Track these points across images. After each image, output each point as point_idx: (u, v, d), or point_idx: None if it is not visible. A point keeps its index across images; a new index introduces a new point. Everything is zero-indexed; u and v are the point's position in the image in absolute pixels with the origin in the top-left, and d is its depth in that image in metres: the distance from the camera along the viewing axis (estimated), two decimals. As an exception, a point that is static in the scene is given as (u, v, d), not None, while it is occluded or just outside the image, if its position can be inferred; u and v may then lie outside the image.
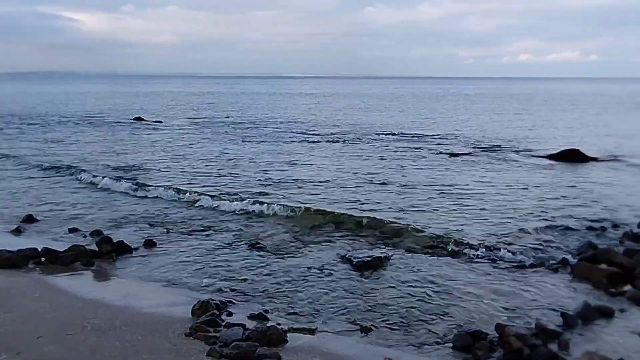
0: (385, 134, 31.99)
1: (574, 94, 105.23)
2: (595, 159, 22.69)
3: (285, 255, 10.76)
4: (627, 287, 9.03)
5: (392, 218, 13.31)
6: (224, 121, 40.65)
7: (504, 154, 24.43)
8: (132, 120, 40.73)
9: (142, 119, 41.47)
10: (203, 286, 9.12)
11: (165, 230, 12.49)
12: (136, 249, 11.03)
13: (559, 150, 23.86)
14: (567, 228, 12.68)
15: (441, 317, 8.04)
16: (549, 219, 13.50)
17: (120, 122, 39.13)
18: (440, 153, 24.55)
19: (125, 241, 11.06)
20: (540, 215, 13.80)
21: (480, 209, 14.41)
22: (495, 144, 27.86)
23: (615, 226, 12.74)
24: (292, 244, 11.50)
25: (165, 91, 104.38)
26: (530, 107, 62.01)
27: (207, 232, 12.36)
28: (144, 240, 11.46)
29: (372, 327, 7.65)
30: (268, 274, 9.75)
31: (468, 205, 14.81)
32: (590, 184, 17.88)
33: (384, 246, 11.22)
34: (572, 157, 22.85)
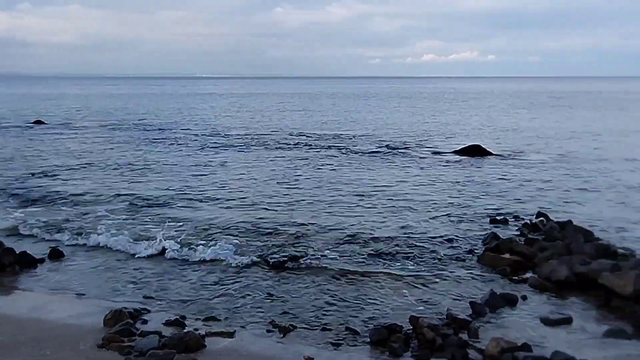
0: (300, 135, 32.16)
1: (475, 92, 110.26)
2: (494, 154, 24.00)
3: (200, 260, 10.59)
4: (529, 274, 9.62)
5: (308, 217, 13.44)
6: (135, 124, 39.34)
7: (413, 151, 25.26)
8: (31, 124, 38.62)
9: (43, 123, 39.42)
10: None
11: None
12: (42, 260, 10.49)
13: (462, 147, 25.04)
14: (473, 220, 13.31)
15: (357, 313, 8.21)
16: (456, 212, 14.11)
17: (19, 126, 36.99)
18: (354, 152, 25.00)
19: (29, 252, 10.49)
20: (447, 209, 14.39)
21: (392, 205, 14.84)
22: (404, 141, 28.73)
23: (516, 217, 13.49)
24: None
25: (69, 93, 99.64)
26: (436, 105, 64.44)
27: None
28: (49, 250, 10.92)
29: (291, 327, 7.69)
30: (183, 280, 9.57)
31: (381, 202, 15.20)
32: (491, 178, 18.83)
33: (299, 246, 11.29)
34: (475, 152, 24.08)
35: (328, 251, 10.98)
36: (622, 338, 7.31)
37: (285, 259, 10.30)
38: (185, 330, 7.34)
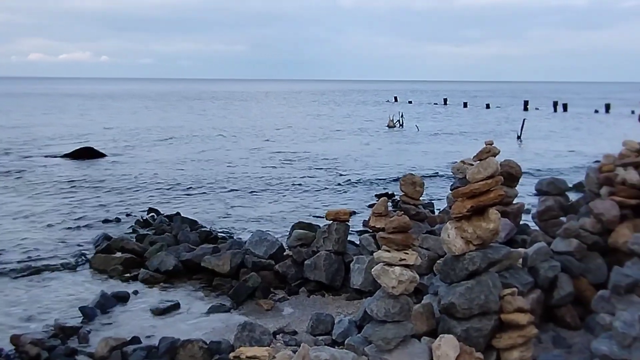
0: None
1: (88, 94, 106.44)
2: (107, 155, 23.80)
3: None
4: (140, 270, 9.73)
5: None
6: None
7: (19, 158, 23.15)
8: None
9: None
10: None
11: None
12: None
13: (73, 150, 24.07)
14: (86, 224, 12.93)
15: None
16: (68, 217, 13.50)
17: None
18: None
19: None
20: (58, 215, 13.65)
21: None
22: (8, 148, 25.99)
23: (128, 215, 13.60)
24: None
25: None
26: (43, 108, 59.97)
27: None
28: None
29: None
30: None
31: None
32: (103, 179, 18.63)
33: None
34: (86, 154, 23.46)
35: None
36: (222, 311, 8.09)
37: None
38: None
